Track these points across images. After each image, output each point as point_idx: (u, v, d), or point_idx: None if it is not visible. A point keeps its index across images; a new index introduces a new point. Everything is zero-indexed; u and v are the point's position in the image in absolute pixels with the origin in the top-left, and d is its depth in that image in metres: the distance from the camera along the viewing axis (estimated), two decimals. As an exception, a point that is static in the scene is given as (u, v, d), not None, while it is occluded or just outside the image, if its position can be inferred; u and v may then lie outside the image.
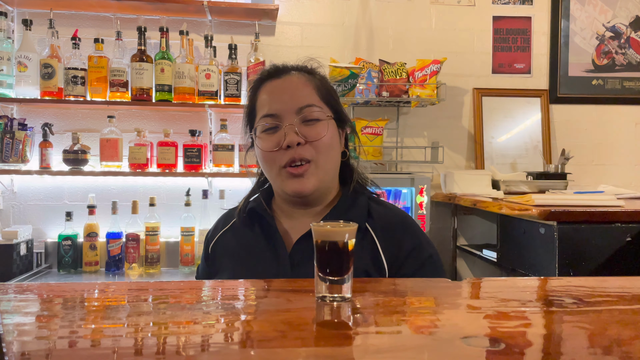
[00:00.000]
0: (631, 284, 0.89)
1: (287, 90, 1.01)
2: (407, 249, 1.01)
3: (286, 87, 1.02)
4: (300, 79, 1.03)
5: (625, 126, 2.83)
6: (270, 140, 0.99)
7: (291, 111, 0.99)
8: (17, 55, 2.29)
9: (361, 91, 2.42)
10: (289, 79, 1.03)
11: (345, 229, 0.74)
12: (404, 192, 2.37)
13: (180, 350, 0.55)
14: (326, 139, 0.99)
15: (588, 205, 1.81)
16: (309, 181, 0.99)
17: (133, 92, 2.34)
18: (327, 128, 1.00)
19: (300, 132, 0.98)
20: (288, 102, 0.99)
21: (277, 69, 1.06)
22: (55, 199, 2.49)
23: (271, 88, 1.03)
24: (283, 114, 0.99)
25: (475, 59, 2.74)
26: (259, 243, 1.04)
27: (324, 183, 1.02)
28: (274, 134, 0.99)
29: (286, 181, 1.00)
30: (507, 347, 0.55)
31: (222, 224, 1.12)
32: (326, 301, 0.72)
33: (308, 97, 1.01)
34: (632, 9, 2.81)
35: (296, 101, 0.99)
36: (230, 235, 1.09)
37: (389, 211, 1.07)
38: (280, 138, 0.98)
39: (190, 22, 2.53)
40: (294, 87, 1.02)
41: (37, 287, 0.84)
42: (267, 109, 1.00)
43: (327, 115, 1.02)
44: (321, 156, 0.99)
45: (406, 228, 1.04)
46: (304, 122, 0.99)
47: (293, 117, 0.98)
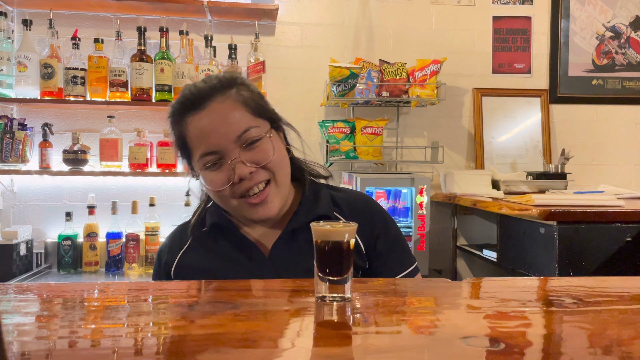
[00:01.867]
0: (631, 284, 0.89)
1: (218, 121, 0.92)
2: (379, 223, 1.04)
3: (215, 118, 0.93)
4: (225, 103, 0.94)
5: (625, 126, 2.83)
6: (218, 177, 0.93)
7: (230, 142, 0.92)
8: (17, 55, 2.29)
9: (361, 91, 2.42)
10: (214, 109, 0.93)
11: (345, 229, 0.74)
12: (404, 192, 2.37)
13: (180, 351, 0.55)
14: (276, 156, 0.95)
15: (588, 205, 1.81)
16: (274, 204, 0.96)
17: (133, 92, 2.34)
18: (271, 143, 0.95)
19: (247, 160, 0.92)
20: (223, 133, 0.92)
21: (196, 98, 0.94)
22: (55, 199, 2.49)
23: (200, 123, 0.93)
24: (223, 149, 0.92)
25: (475, 59, 2.74)
26: (232, 255, 0.99)
27: (285, 198, 1.00)
28: (220, 170, 0.93)
29: (248, 210, 0.96)
30: (507, 347, 0.55)
31: (178, 244, 1.05)
32: (326, 301, 0.72)
33: (241, 121, 0.93)
34: (632, 9, 2.81)
35: (232, 130, 0.92)
36: (193, 254, 1.02)
37: (352, 195, 1.08)
38: (229, 173, 0.92)
39: (190, 22, 2.53)
40: (223, 115, 0.93)
41: (37, 287, 0.84)
42: (204, 147, 0.93)
43: (266, 129, 0.96)
44: (277, 174, 0.96)
45: (372, 207, 1.07)
46: (246, 147, 0.93)
47: (234, 148, 0.92)
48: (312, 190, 1.05)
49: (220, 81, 0.96)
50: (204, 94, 0.94)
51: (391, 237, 1.04)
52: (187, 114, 0.95)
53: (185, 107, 0.96)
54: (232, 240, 1.01)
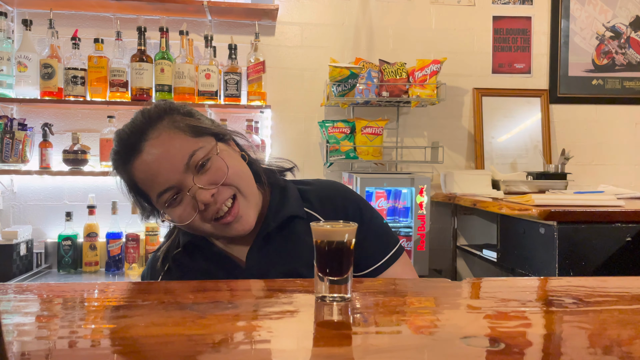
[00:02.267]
0: (631, 284, 0.89)
1: (160, 158, 0.88)
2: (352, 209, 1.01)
3: (156, 156, 0.88)
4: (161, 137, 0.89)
5: (625, 126, 2.83)
6: (183, 209, 0.90)
7: (180, 173, 0.88)
8: (17, 55, 2.29)
9: (361, 91, 2.42)
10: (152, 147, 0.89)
11: (345, 228, 0.74)
12: (404, 192, 2.37)
13: (180, 351, 0.55)
14: (232, 170, 0.91)
15: (588, 205, 1.81)
16: (248, 216, 0.93)
17: (133, 92, 2.34)
18: (222, 158, 0.91)
19: (205, 184, 0.88)
20: (170, 168, 0.88)
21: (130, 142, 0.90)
22: (55, 199, 2.49)
23: (143, 167, 0.89)
24: (176, 182, 0.89)
25: (475, 59, 2.74)
26: (210, 270, 0.97)
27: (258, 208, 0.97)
28: (182, 203, 0.90)
29: (225, 229, 0.93)
30: (506, 347, 0.55)
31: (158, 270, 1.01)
32: (326, 301, 0.72)
33: (183, 148, 0.89)
34: (632, 9, 2.81)
35: (176, 161, 0.88)
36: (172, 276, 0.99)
37: (321, 186, 1.05)
38: (192, 202, 0.89)
39: (190, 22, 2.53)
40: (163, 149, 0.89)
41: (37, 287, 0.84)
42: (157, 187, 0.89)
43: (211, 148, 0.91)
44: (240, 186, 0.92)
45: (342, 192, 1.04)
46: (199, 172, 0.89)
47: (187, 177, 0.88)
48: (279, 190, 1.02)
49: (148, 117, 0.92)
50: (136, 136, 0.90)
51: (366, 222, 1.00)
52: (128, 162, 0.91)
53: (123, 156, 0.92)
54: (208, 256, 0.99)
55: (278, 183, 1.04)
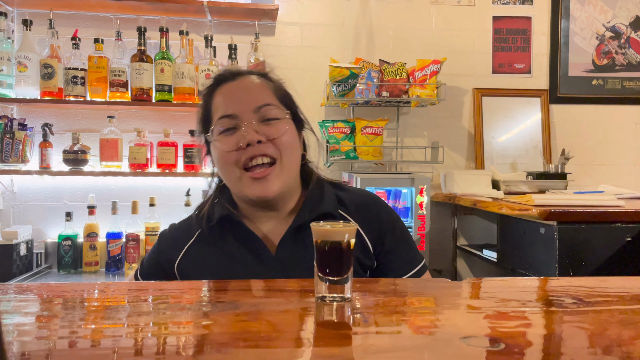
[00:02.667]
0: (631, 284, 0.89)
1: (244, 91, 0.99)
2: (385, 220, 1.04)
3: (242, 87, 1.00)
4: (256, 80, 1.02)
5: (625, 126, 2.83)
6: (229, 141, 0.96)
7: (249, 110, 0.96)
8: (17, 56, 2.29)
9: (361, 91, 2.42)
10: (244, 80, 1.01)
11: (345, 229, 0.74)
12: (404, 192, 2.37)
13: (180, 350, 0.55)
14: (287, 137, 0.97)
15: (588, 205, 1.81)
16: (273, 184, 0.96)
17: (133, 92, 2.34)
18: (287, 127, 0.99)
19: (260, 131, 0.95)
20: (245, 101, 0.97)
21: (231, 72, 1.03)
22: (55, 199, 2.49)
23: (226, 90, 1.00)
24: (241, 114, 0.96)
25: (475, 59, 2.74)
26: (238, 250, 0.99)
27: (287, 185, 0.99)
28: (233, 135, 0.96)
29: (248, 186, 0.96)
30: (506, 347, 0.55)
31: (182, 239, 1.04)
32: (326, 301, 0.72)
33: (265, 97, 0.99)
34: (632, 9, 2.81)
35: (254, 100, 0.97)
36: (199, 248, 1.02)
37: (357, 194, 1.09)
38: (240, 137, 0.95)
39: (190, 22, 2.53)
40: (251, 87, 1.00)
41: (37, 287, 0.84)
42: (223, 110, 0.97)
43: (286, 115, 1.00)
44: (285, 155, 0.97)
45: (377, 203, 1.08)
46: (263, 121, 0.96)
47: (251, 116, 0.96)
48: (318, 187, 1.05)
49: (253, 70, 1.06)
50: (240, 71, 1.04)
51: (398, 235, 1.05)
52: (219, 85, 1.01)
53: (218, 80, 1.02)
54: (240, 236, 1.00)
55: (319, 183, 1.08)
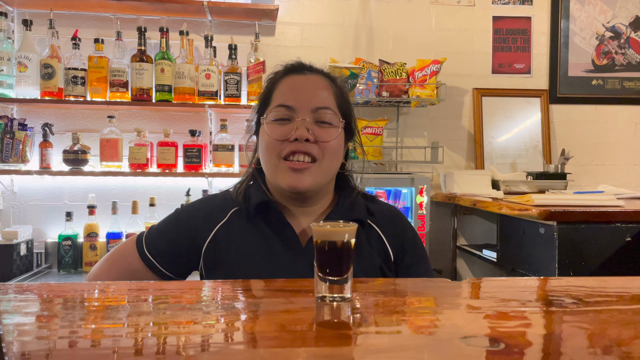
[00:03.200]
0: (631, 284, 0.89)
1: (308, 88, 1.02)
2: (409, 237, 1.09)
3: (308, 84, 1.02)
4: (323, 81, 1.04)
5: (625, 126, 2.83)
6: (280, 129, 0.99)
7: (307, 108, 0.99)
8: (17, 56, 2.29)
9: (361, 91, 2.42)
10: (312, 78, 1.04)
11: (345, 229, 0.74)
12: (404, 192, 2.37)
13: (180, 350, 0.55)
14: (334, 143, 1.00)
15: (588, 205, 1.81)
16: (306, 179, 0.98)
17: (133, 92, 2.34)
18: (337, 135, 1.01)
19: (312, 130, 0.98)
20: (306, 98, 1.00)
21: (301, 65, 1.06)
22: (55, 199, 2.49)
23: (293, 81, 1.03)
24: (299, 108, 0.99)
25: (475, 59, 2.74)
26: (271, 237, 1.01)
27: (319, 185, 1.01)
28: (285, 125, 0.99)
29: (283, 174, 0.98)
30: (506, 347, 0.55)
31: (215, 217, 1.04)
32: (326, 301, 0.72)
33: (326, 100, 1.01)
34: (631, 9, 2.81)
35: (315, 100, 1.00)
36: (231, 229, 1.02)
37: (385, 207, 1.13)
38: (291, 130, 0.97)
39: (190, 22, 2.53)
40: (316, 86, 1.02)
41: (37, 287, 0.84)
42: (284, 99, 1.00)
43: (340, 124, 1.02)
44: (326, 158, 1.00)
45: (403, 219, 1.12)
46: (317, 122, 0.99)
47: (308, 114, 0.99)
48: (350, 195, 1.08)
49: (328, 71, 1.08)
50: (310, 67, 1.06)
51: (418, 252, 1.09)
52: (288, 74, 1.05)
53: (289, 70, 1.05)
54: (274, 223, 1.02)
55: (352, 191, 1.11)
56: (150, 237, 1.05)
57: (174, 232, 1.04)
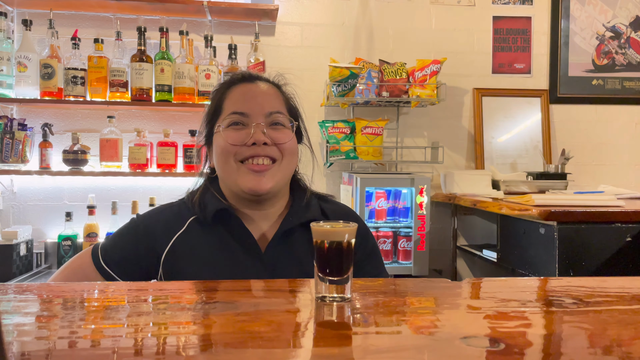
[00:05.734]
0: (631, 284, 0.89)
1: (259, 95, 1.05)
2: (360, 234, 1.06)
3: (258, 91, 1.06)
4: (271, 88, 1.09)
5: (625, 126, 2.83)
6: (236, 135, 1.01)
7: (261, 113, 1.02)
8: (17, 56, 2.29)
9: (361, 91, 2.42)
10: (260, 85, 1.08)
11: (345, 229, 0.74)
12: (404, 192, 2.37)
13: (180, 351, 0.55)
14: (291, 144, 1.05)
15: (588, 205, 1.81)
16: (268, 181, 1.01)
17: (133, 92, 2.34)
18: (292, 136, 1.06)
19: (267, 134, 1.02)
20: (259, 104, 1.03)
21: (249, 74, 1.10)
22: (55, 199, 2.49)
23: (243, 89, 1.06)
24: (252, 114, 1.02)
25: (475, 59, 2.74)
26: (230, 245, 1.01)
27: (279, 186, 1.05)
28: (240, 131, 1.02)
29: (244, 177, 1.00)
30: (506, 347, 0.55)
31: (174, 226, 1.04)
32: (326, 301, 0.72)
33: (277, 105, 1.06)
34: (632, 9, 2.81)
35: (267, 105, 1.04)
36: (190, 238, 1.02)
37: (338, 207, 1.16)
38: (247, 134, 1.01)
39: (190, 22, 2.53)
40: (266, 93, 1.06)
41: (36, 287, 0.84)
42: (237, 107, 1.03)
43: (291, 124, 1.07)
44: (285, 159, 1.04)
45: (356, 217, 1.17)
46: (271, 125, 1.03)
47: (262, 119, 1.02)
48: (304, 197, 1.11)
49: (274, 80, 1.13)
50: (257, 76, 1.11)
51: (369, 248, 1.12)
52: (236, 84, 1.08)
53: (236, 80, 1.09)
54: (233, 230, 1.03)
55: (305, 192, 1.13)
56: (106, 248, 1.05)
57: (131, 241, 1.04)
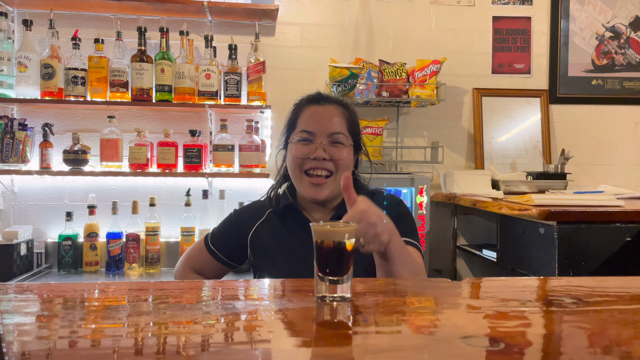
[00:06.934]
0: (630, 284, 0.89)
1: (325, 116, 1.29)
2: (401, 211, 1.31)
3: (325, 114, 1.29)
4: (337, 110, 1.31)
5: (625, 126, 2.83)
6: (303, 150, 1.27)
7: (324, 133, 1.26)
8: (18, 56, 2.29)
9: (361, 91, 2.42)
10: (328, 108, 1.31)
11: (345, 229, 0.75)
12: (404, 192, 2.37)
13: (180, 350, 0.55)
14: (345, 160, 1.28)
15: (588, 205, 1.81)
16: (324, 191, 1.26)
17: (133, 93, 2.34)
18: (348, 152, 1.28)
19: (327, 151, 1.25)
20: (323, 125, 1.27)
21: (320, 96, 1.34)
22: (55, 199, 2.49)
23: (314, 111, 1.31)
24: (317, 133, 1.27)
25: (475, 59, 2.74)
26: (295, 231, 1.29)
27: (335, 194, 1.29)
28: (307, 146, 1.27)
29: (305, 187, 1.27)
30: (506, 347, 0.55)
31: (256, 217, 1.35)
32: (326, 301, 0.73)
33: (339, 126, 1.28)
34: (631, 9, 2.81)
35: (330, 127, 1.27)
36: (268, 225, 1.33)
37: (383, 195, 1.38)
38: (312, 150, 1.26)
39: (190, 22, 2.53)
40: (331, 115, 1.29)
41: (37, 287, 0.85)
42: (306, 126, 1.28)
43: (350, 143, 1.29)
44: (339, 172, 1.26)
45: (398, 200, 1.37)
46: (331, 143, 1.26)
47: (324, 138, 1.26)
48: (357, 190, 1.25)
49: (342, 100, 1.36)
50: (327, 97, 1.34)
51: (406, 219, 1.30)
52: (310, 104, 1.33)
53: (310, 100, 1.34)
54: (297, 220, 1.31)
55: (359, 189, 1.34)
56: (213, 234, 1.39)
57: (227, 229, 1.38)
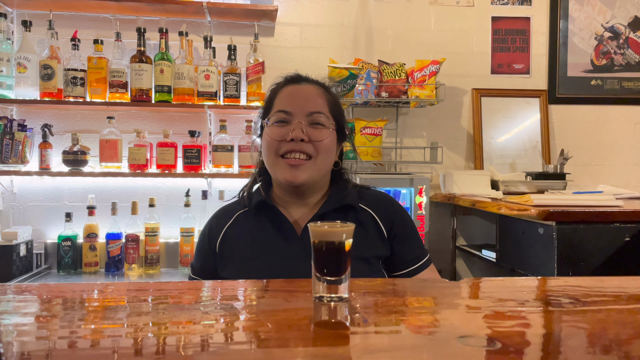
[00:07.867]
0: (628, 284, 0.89)
1: (304, 95, 1.17)
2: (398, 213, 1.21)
3: (303, 92, 1.18)
4: (317, 89, 1.19)
5: (624, 126, 2.83)
6: (279, 131, 1.13)
7: (302, 113, 1.13)
8: (17, 57, 2.29)
9: (360, 92, 2.42)
10: (307, 87, 1.19)
11: (343, 229, 0.75)
12: (403, 193, 2.37)
13: (180, 351, 0.55)
14: (326, 142, 1.14)
15: (587, 205, 1.81)
16: (302, 174, 1.12)
17: (132, 93, 2.34)
18: (329, 135, 1.15)
19: (306, 132, 1.12)
20: (302, 104, 1.14)
21: (299, 76, 1.23)
22: (54, 199, 2.50)
23: (291, 90, 1.19)
24: (295, 113, 1.13)
25: (474, 60, 2.74)
26: (269, 231, 1.15)
27: (314, 179, 1.15)
28: (283, 127, 1.13)
29: (282, 170, 1.12)
30: (503, 347, 0.55)
31: (224, 220, 1.21)
32: (323, 301, 0.73)
33: (319, 106, 1.15)
34: (630, 10, 2.81)
35: (309, 106, 1.14)
36: (237, 228, 1.19)
37: (376, 193, 1.27)
38: (288, 131, 1.12)
39: (189, 23, 2.54)
40: (310, 94, 1.17)
41: (36, 287, 0.85)
42: (283, 106, 1.15)
43: (331, 125, 1.16)
44: (319, 155, 1.13)
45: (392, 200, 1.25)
46: (311, 124, 1.13)
47: (303, 118, 1.13)
48: (343, 186, 1.22)
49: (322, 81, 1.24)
50: (306, 78, 1.23)
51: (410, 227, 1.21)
52: (287, 84, 1.21)
53: (287, 80, 1.22)
54: (272, 219, 1.16)
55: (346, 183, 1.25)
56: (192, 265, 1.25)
57: (201, 249, 1.23)
